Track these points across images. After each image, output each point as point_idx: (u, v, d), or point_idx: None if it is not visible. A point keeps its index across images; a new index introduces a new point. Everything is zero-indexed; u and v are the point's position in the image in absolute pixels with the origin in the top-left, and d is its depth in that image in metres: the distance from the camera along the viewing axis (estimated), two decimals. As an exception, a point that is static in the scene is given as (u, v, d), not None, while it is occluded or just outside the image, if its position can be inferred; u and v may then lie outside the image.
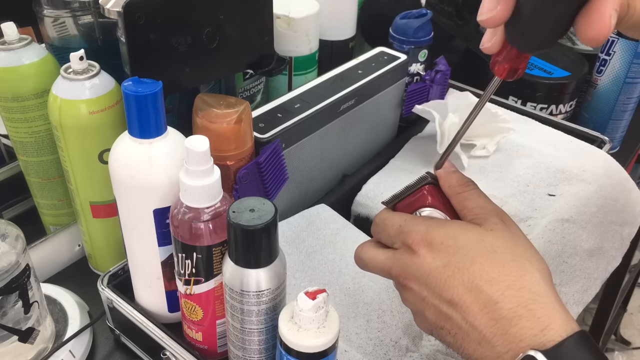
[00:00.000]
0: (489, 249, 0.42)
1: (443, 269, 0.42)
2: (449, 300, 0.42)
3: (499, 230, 0.43)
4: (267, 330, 0.47)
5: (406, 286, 0.44)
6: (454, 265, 0.42)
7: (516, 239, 0.43)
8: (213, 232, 0.46)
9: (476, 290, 0.41)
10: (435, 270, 0.42)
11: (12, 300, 0.50)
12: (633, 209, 0.73)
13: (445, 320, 0.42)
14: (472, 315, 0.40)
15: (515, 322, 0.39)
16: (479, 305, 0.40)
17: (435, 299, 0.42)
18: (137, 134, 0.48)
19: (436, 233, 0.43)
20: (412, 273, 0.44)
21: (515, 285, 0.40)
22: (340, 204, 0.71)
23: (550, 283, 0.41)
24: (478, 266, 0.41)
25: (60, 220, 0.67)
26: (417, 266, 0.43)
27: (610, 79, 0.87)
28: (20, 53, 0.57)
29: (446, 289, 0.42)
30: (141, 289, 0.56)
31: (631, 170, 1.01)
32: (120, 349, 0.59)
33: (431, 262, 0.43)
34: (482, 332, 0.40)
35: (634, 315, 1.85)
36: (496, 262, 0.41)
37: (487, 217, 0.44)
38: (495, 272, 0.41)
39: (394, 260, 0.45)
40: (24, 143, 0.61)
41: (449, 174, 0.48)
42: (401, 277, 0.44)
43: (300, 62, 0.81)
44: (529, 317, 0.39)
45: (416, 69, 0.81)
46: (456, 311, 0.41)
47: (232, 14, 0.60)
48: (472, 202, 0.46)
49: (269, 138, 0.60)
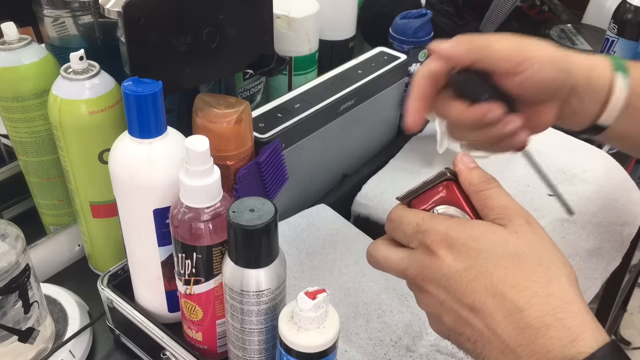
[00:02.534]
0: (513, 253, 0.39)
1: (464, 272, 0.39)
2: (470, 306, 0.39)
3: (524, 232, 0.40)
4: (267, 330, 0.47)
5: (423, 288, 0.42)
6: (476, 268, 0.39)
7: (542, 242, 0.40)
8: (213, 232, 0.46)
9: (500, 297, 0.38)
10: (455, 273, 0.40)
11: (12, 300, 0.50)
12: (633, 209, 0.73)
13: (464, 326, 0.40)
14: (495, 322, 0.38)
15: (542, 332, 0.37)
16: (502, 312, 0.38)
17: (455, 304, 0.40)
18: (137, 134, 0.48)
19: (457, 234, 0.41)
20: (430, 275, 0.41)
21: (543, 292, 0.38)
22: (340, 204, 0.71)
23: (577, 289, 0.39)
24: (502, 270, 0.39)
25: (60, 220, 0.67)
26: (436, 268, 0.41)
27: (610, 79, 0.87)
28: (20, 53, 0.57)
29: (467, 294, 0.39)
30: (141, 289, 0.56)
31: (631, 170, 1.01)
32: (120, 349, 0.59)
33: (451, 264, 0.40)
34: (506, 341, 0.38)
35: (634, 315, 1.85)
36: (522, 266, 0.39)
37: (511, 218, 0.41)
38: (521, 278, 0.38)
39: (410, 261, 0.43)
40: (24, 143, 0.61)
41: (469, 170, 0.44)
42: (418, 279, 0.42)
43: (300, 62, 0.81)
44: (558, 326, 0.36)
45: (416, 69, 0.81)
46: (477, 317, 0.39)
47: (232, 14, 0.60)
48: (494, 201, 0.43)
49: (269, 138, 0.60)
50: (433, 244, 0.41)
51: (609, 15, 0.89)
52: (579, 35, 1.07)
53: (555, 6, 1.14)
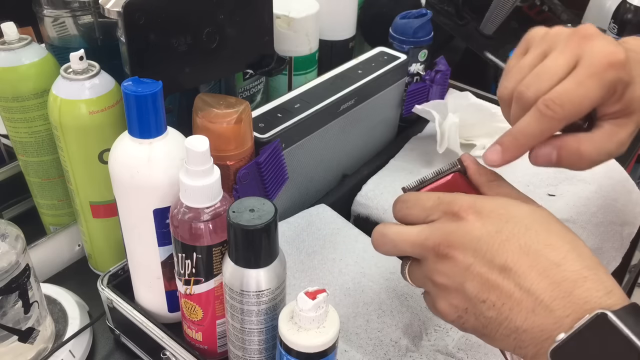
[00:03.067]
0: (542, 221, 0.41)
1: (496, 234, 0.40)
2: (502, 266, 0.39)
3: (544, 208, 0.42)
4: (267, 330, 0.47)
5: (447, 255, 0.41)
6: (508, 231, 0.40)
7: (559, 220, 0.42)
8: (213, 232, 0.46)
9: (534, 254, 0.39)
10: (487, 234, 0.40)
11: (12, 300, 0.50)
12: (633, 209, 0.73)
13: (490, 290, 0.39)
14: (529, 280, 0.38)
15: (580, 284, 0.37)
16: (537, 269, 0.38)
17: (484, 266, 0.40)
18: (137, 134, 0.48)
19: (485, 203, 0.41)
20: (457, 240, 0.41)
21: (575, 251, 0.39)
22: (340, 204, 0.71)
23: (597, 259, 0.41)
24: (534, 233, 0.40)
25: (60, 220, 0.67)
26: (465, 232, 0.40)
27: (610, 79, 0.87)
28: (20, 53, 0.57)
29: (499, 254, 0.39)
30: (141, 289, 0.56)
31: (631, 170, 1.01)
32: (120, 349, 0.59)
33: (482, 227, 0.40)
34: (540, 296, 0.38)
35: (634, 315, 1.85)
36: (552, 231, 0.40)
37: (527, 200, 0.43)
38: (553, 239, 0.39)
39: (431, 230, 0.42)
40: (24, 143, 0.61)
41: (477, 164, 0.46)
42: (442, 245, 0.41)
43: (300, 62, 0.81)
44: (595, 279, 0.37)
45: (416, 69, 0.81)
46: (508, 278, 0.39)
47: (232, 14, 0.60)
48: (506, 189, 0.45)
49: (269, 138, 0.60)
50: (461, 210, 0.41)
51: (609, 15, 0.89)
52: (579, 35, 1.06)
53: (555, 6, 1.14)
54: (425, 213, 0.43)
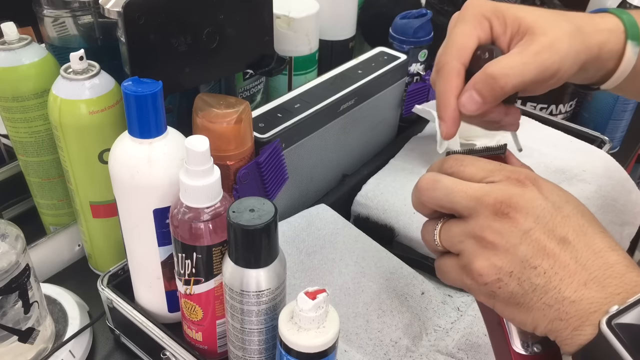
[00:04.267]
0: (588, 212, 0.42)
1: (557, 209, 0.41)
2: (562, 238, 0.40)
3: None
4: (267, 330, 0.47)
5: (508, 215, 0.40)
6: (568, 210, 0.41)
7: None
8: (213, 232, 0.46)
9: (590, 237, 0.40)
10: (551, 206, 0.41)
11: (12, 300, 0.50)
12: (633, 209, 0.73)
13: (545, 257, 0.40)
14: (585, 256, 0.39)
15: (632, 269, 0.39)
16: (593, 249, 0.40)
17: (543, 234, 0.40)
18: (137, 134, 0.48)
19: (544, 182, 0.42)
20: (520, 203, 0.41)
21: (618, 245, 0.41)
22: (340, 204, 0.71)
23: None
24: (588, 219, 0.41)
25: (60, 220, 0.67)
26: (530, 199, 0.41)
27: (610, 79, 0.87)
28: (20, 53, 0.57)
29: (561, 226, 0.40)
30: (141, 289, 0.56)
31: (631, 170, 1.01)
32: (120, 349, 0.59)
33: (544, 200, 0.41)
34: (594, 273, 0.39)
35: (634, 315, 1.85)
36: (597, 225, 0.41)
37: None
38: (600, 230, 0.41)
39: (493, 188, 0.42)
40: (24, 143, 0.61)
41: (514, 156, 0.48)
42: (504, 204, 0.41)
43: (300, 62, 0.81)
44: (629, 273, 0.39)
45: (416, 69, 0.81)
46: (566, 250, 0.40)
47: (232, 14, 0.60)
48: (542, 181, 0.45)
49: (269, 138, 0.60)
50: (527, 179, 0.42)
51: (609, 15, 0.89)
52: (579, 35, 1.07)
53: (555, 6, 1.14)
54: (485, 174, 0.43)
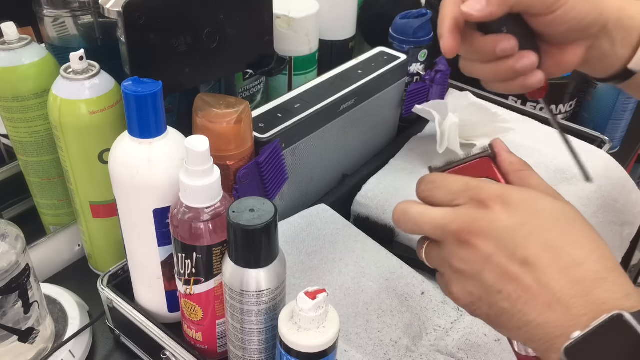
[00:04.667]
0: (569, 217, 0.40)
1: (520, 227, 0.39)
2: (523, 260, 0.39)
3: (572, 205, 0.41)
4: (267, 330, 0.47)
5: (469, 242, 0.40)
6: (532, 225, 0.39)
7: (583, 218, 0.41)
8: (213, 232, 0.46)
9: (557, 251, 0.38)
10: (511, 227, 0.39)
11: (12, 300, 0.50)
12: (633, 209, 0.73)
13: (508, 282, 0.39)
14: (548, 276, 0.38)
15: (599, 285, 0.37)
16: (558, 266, 0.38)
17: (504, 258, 0.39)
18: (137, 134, 0.48)
19: (513, 193, 0.40)
20: (481, 228, 0.40)
21: (598, 251, 0.39)
22: (340, 204, 0.71)
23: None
24: (559, 229, 0.39)
25: (60, 220, 0.67)
26: (489, 221, 0.40)
27: (610, 79, 0.87)
28: (20, 53, 0.57)
29: (521, 247, 0.39)
30: (141, 289, 0.56)
31: (631, 170, 1.01)
32: (120, 349, 0.59)
33: (506, 218, 0.39)
34: (558, 294, 0.37)
35: (634, 315, 1.85)
36: (577, 229, 0.40)
37: (556, 195, 0.42)
38: (577, 237, 0.39)
39: (455, 215, 0.41)
40: (24, 143, 0.61)
41: (507, 151, 0.46)
42: (465, 232, 0.40)
43: (300, 62, 0.81)
44: (613, 282, 0.37)
45: (416, 69, 0.81)
46: (528, 271, 0.38)
47: (232, 14, 0.60)
48: (535, 180, 0.44)
49: (269, 138, 0.60)
50: (489, 199, 0.40)
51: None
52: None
53: None
54: (451, 197, 0.43)
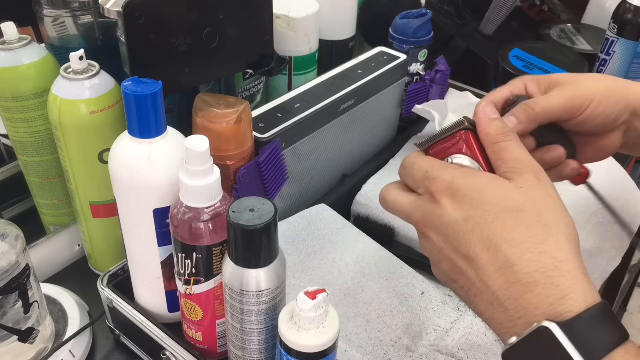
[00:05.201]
0: (514, 208, 0.39)
1: (463, 222, 0.40)
2: (465, 256, 0.40)
3: (530, 188, 0.40)
4: (267, 330, 0.47)
5: (425, 234, 0.43)
6: (474, 220, 0.40)
7: (547, 199, 0.40)
8: (213, 232, 0.46)
9: (494, 249, 0.38)
10: (455, 222, 0.40)
11: (12, 300, 0.50)
12: (633, 209, 0.73)
13: (459, 274, 0.41)
14: (487, 274, 0.38)
15: (531, 288, 0.37)
16: (495, 265, 0.38)
17: (452, 252, 0.41)
18: (137, 134, 0.48)
19: (462, 183, 0.41)
20: (431, 222, 0.42)
21: (537, 249, 0.38)
22: (340, 204, 0.71)
23: (575, 249, 0.39)
24: (500, 224, 0.39)
25: (60, 220, 0.67)
26: (437, 216, 0.41)
27: (610, 79, 0.87)
28: (20, 53, 0.57)
29: (463, 244, 0.40)
30: (141, 289, 0.56)
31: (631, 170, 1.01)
32: (120, 349, 0.59)
33: (452, 213, 0.41)
34: (496, 293, 0.38)
35: (634, 315, 1.85)
36: (520, 222, 0.39)
37: (521, 172, 0.41)
38: (517, 233, 0.38)
39: (415, 207, 0.43)
40: (24, 143, 0.61)
41: (488, 120, 0.44)
42: (421, 224, 0.43)
43: (300, 62, 0.81)
44: (547, 284, 0.37)
45: (416, 69, 0.81)
46: (471, 267, 0.39)
47: (232, 14, 0.60)
48: (508, 153, 0.43)
49: (269, 138, 0.60)
50: (437, 192, 0.42)
51: (609, 15, 0.89)
52: (578, 35, 1.07)
53: (555, 6, 1.15)
54: (415, 185, 0.44)
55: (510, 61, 0.90)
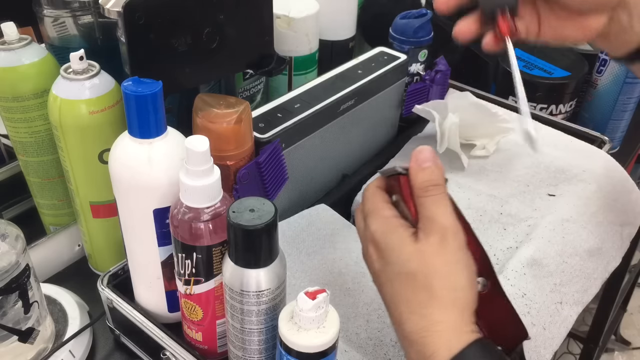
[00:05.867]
0: (409, 272, 0.43)
1: (380, 273, 0.46)
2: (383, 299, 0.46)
3: (428, 253, 0.43)
4: (267, 330, 0.47)
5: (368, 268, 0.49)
6: (385, 275, 0.45)
7: (441, 266, 0.43)
8: (213, 232, 0.46)
9: (394, 305, 0.44)
10: (377, 270, 0.46)
11: (12, 300, 0.50)
12: (633, 209, 0.73)
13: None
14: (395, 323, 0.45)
15: (411, 345, 0.43)
16: (394, 318, 0.45)
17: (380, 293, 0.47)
18: (137, 134, 0.48)
19: (380, 239, 0.45)
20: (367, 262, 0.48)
21: (420, 312, 0.42)
22: (340, 204, 0.71)
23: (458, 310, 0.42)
24: (398, 284, 0.44)
25: (60, 220, 0.67)
26: (369, 262, 0.47)
27: (610, 79, 0.87)
28: (20, 53, 0.57)
29: (382, 291, 0.46)
30: (141, 289, 0.56)
31: (631, 170, 1.01)
32: (120, 349, 0.59)
33: (375, 262, 0.46)
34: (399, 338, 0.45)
35: (634, 315, 1.85)
36: (412, 285, 0.43)
37: (428, 234, 0.43)
38: (409, 294, 0.43)
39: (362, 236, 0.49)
40: (24, 143, 0.61)
41: (417, 171, 0.45)
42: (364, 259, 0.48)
43: (300, 62, 0.81)
44: (420, 344, 0.42)
45: (416, 69, 0.81)
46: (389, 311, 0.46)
47: (232, 14, 0.60)
48: (425, 210, 0.44)
49: (269, 138, 0.60)
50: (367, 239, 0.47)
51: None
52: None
53: None
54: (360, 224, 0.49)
55: (510, 61, 0.90)
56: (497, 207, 0.70)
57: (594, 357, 1.45)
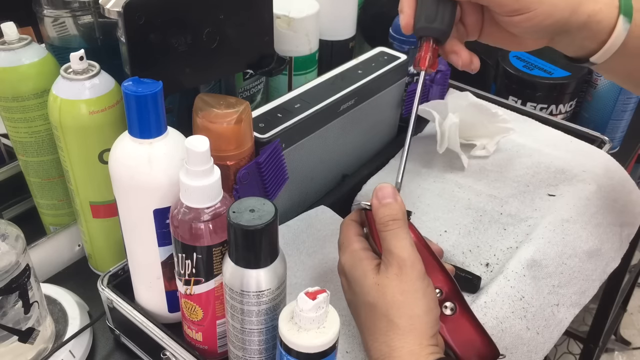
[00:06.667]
0: (370, 302, 0.47)
1: (350, 303, 0.51)
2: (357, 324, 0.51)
3: (386, 285, 0.46)
4: (267, 330, 0.47)
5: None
6: (353, 305, 0.50)
7: (398, 296, 0.46)
8: (213, 232, 0.46)
9: (362, 334, 0.49)
10: (348, 300, 0.51)
11: (12, 300, 0.50)
12: (633, 210, 0.73)
13: None
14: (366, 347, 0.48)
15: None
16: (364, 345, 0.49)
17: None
18: (137, 134, 0.48)
19: (350, 271, 0.49)
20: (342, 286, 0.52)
21: (381, 339, 0.46)
22: (340, 205, 0.71)
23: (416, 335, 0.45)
24: (363, 314, 0.48)
25: (60, 220, 0.67)
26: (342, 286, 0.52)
27: (610, 79, 0.87)
28: (20, 53, 0.57)
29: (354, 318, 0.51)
30: (141, 289, 0.56)
31: (631, 170, 1.01)
32: (120, 349, 0.59)
33: (346, 291, 0.51)
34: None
35: (634, 315, 1.85)
36: (373, 315, 0.47)
37: (387, 266, 0.47)
38: (371, 324, 0.47)
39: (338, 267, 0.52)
40: (24, 143, 0.61)
41: (378, 207, 0.49)
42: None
43: (300, 62, 0.81)
44: None
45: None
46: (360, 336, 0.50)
47: (232, 14, 0.60)
48: (385, 243, 0.48)
49: (269, 138, 0.60)
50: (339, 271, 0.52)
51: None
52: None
53: None
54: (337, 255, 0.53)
55: (510, 61, 0.90)
56: (497, 207, 0.70)
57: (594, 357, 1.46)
